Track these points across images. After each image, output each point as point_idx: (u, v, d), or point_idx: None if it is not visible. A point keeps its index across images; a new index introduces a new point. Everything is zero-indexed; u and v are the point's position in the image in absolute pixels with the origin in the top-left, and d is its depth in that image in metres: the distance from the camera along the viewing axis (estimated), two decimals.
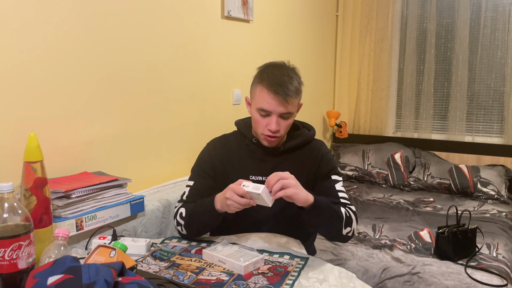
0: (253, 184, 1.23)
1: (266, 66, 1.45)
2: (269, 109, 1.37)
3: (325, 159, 1.50)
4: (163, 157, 1.96)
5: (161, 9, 1.87)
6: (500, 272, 1.80)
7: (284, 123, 1.41)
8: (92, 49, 1.57)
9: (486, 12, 3.16)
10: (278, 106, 1.36)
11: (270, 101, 1.36)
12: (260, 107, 1.38)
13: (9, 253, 0.94)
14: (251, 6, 2.44)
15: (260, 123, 1.41)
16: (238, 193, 1.23)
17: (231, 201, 1.24)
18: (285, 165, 1.48)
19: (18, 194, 1.23)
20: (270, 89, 1.36)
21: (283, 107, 1.37)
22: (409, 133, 3.51)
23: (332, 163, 1.51)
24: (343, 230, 1.35)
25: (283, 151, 1.48)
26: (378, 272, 1.84)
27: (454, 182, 2.98)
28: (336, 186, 1.46)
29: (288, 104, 1.37)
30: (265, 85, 1.37)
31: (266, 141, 1.44)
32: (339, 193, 1.45)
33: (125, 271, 0.90)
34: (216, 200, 1.33)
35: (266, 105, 1.37)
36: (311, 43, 3.27)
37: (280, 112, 1.38)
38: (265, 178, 1.47)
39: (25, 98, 1.36)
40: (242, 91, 2.45)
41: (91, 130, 1.60)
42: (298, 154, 1.50)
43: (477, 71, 3.24)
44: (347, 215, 1.36)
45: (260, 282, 1.13)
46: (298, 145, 1.50)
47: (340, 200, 1.43)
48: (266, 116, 1.39)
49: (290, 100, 1.37)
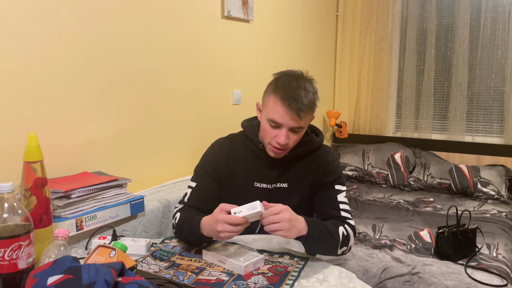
0: (245, 206, 1.16)
1: (282, 74, 1.39)
2: (280, 121, 1.32)
3: (330, 168, 1.46)
4: (163, 157, 1.96)
5: (161, 9, 1.87)
6: (500, 272, 1.80)
7: (294, 137, 1.37)
8: (92, 49, 1.57)
9: (486, 12, 3.16)
10: (290, 120, 1.32)
11: (283, 114, 1.31)
12: (271, 118, 1.33)
13: (9, 253, 0.94)
14: (251, 6, 2.44)
15: (269, 134, 1.36)
16: (232, 223, 1.15)
17: (225, 234, 1.16)
18: (291, 172, 1.46)
19: (18, 194, 1.23)
20: (284, 102, 1.30)
21: (295, 121, 1.32)
22: (409, 133, 3.51)
23: (337, 172, 1.47)
24: (338, 251, 1.34)
25: (290, 159, 1.45)
26: (378, 272, 1.84)
27: (454, 182, 2.98)
28: (338, 197, 1.42)
29: (301, 119, 1.32)
30: (279, 96, 1.32)
31: (272, 153, 1.40)
32: (341, 204, 1.41)
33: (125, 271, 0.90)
34: (202, 227, 1.25)
35: (278, 117, 1.32)
36: (311, 43, 3.27)
37: (291, 126, 1.33)
38: (269, 186, 1.46)
39: (25, 98, 1.36)
40: (242, 91, 2.45)
41: (91, 130, 1.60)
42: (305, 160, 1.47)
43: (477, 71, 3.24)
44: (344, 234, 1.33)
45: (260, 282, 1.13)
46: (306, 153, 1.46)
47: (340, 212, 1.40)
48: (276, 128, 1.35)
49: (303, 115, 1.32)
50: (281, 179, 1.46)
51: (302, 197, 1.47)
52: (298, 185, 1.47)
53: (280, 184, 1.46)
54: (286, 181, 1.46)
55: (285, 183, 1.46)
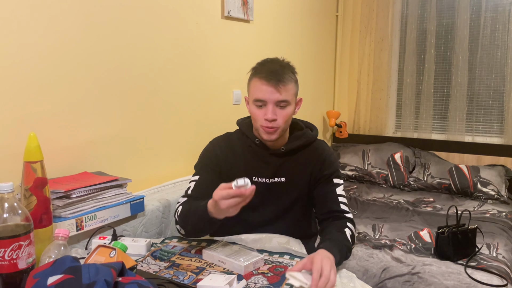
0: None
1: (259, 62, 1.47)
2: (263, 97, 1.37)
3: (327, 161, 1.49)
4: (163, 157, 1.96)
5: (161, 9, 1.87)
6: (500, 272, 1.80)
7: (282, 113, 1.39)
8: (92, 49, 1.57)
9: (486, 12, 3.16)
10: (272, 94, 1.36)
11: (263, 88, 1.37)
12: (255, 97, 1.39)
13: (9, 253, 0.94)
14: (251, 6, 2.44)
15: (258, 115, 1.40)
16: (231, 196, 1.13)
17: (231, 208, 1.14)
18: (288, 166, 1.48)
19: (18, 194, 1.23)
20: (262, 78, 1.37)
21: (277, 93, 1.36)
22: (409, 133, 3.51)
23: (335, 165, 1.50)
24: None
25: (286, 152, 1.47)
26: (378, 272, 1.84)
27: (454, 182, 2.97)
28: (337, 190, 1.46)
29: (282, 90, 1.37)
30: (257, 76, 1.39)
31: (265, 134, 1.41)
32: (339, 197, 1.45)
33: (125, 271, 0.90)
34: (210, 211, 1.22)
35: (259, 94, 1.38)
36: (311, 43, 3.27)
37: (275, 99, 1.37)
38: (268, 180, 1.47)
39: (25, 98, 1.36)
40: (242, 91, 2.45)
41: (91, 130, 1.60)
42: (301, 155, 1.49)
43: (477, 71, 3.24)
44: (351, 235, 1.35)
45: (260, 282, 1.13)
46: (301, 146, 1.49)
47: (339, 206, 1.43)
48: (262, 107, 1.39)
49: (283, 86, 1.37)
50: (278, 174, 1.48)
51: (300, 191, 1.49)
52: (296, 179, 1.49)
53: (278, 178, 1.48)
54: (284, 176, 1.48)
55: (282, 177, 1.48)
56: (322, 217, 1.46)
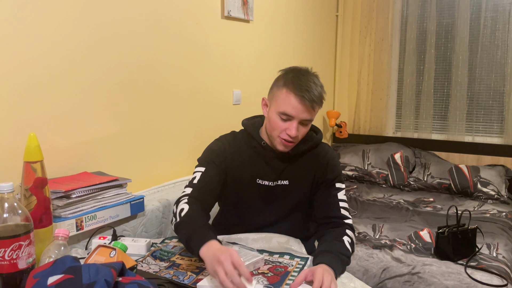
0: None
1: (290, 69, 1.41)
2: (292, 114, 1.34)
3: (330, 166, 1.47)
4: (163, 157, 1.96)
5: (161, 9, 1.87)
6: (500, 272, 1.80)
7: (302, 129, 1.38)
8: (92, 49, 1.57)
9: (486, 12, 3.16)
10: (302, 112, 1.34)
11: (295, 105, 1.33)
12: (283, 111, 1.34)
13: (9, 253, 0.94)
14: (251, 6, 2.44)
15: (279, 127, 1.37)
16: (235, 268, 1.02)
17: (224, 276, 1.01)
18: (292, 170, 1.47)
19: (18, 194, 1.23)
20: (297, 95, 1.32)
21: (307, 113, 1.34)
22: (409, 133, 3.51)
23: (337, 170, 1.49)
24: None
25: (291, 155, 1.46)
26: (378, 272, 1.84)
27: (454, 182, 2.98)
28: (338, 195, 1.45)
29: (314, 111, 1.36)
30: (291, 89, 1.33)
31: (282, 146, 1.40)
32: (341, 202, 1.44)
33: (125, 271, 0.90)
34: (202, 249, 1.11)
35: (290, 110, 1.33)
36: (311, 43, 3.27)
37: (303, 118, 1.35)
38: (271, 183, 1.47)
39: (25, 98, 1.36)
40: (242, 91, 2.45)
41: (91, 130, 1.60)
42: (305, 158, 1.48)
43: (477, 71, 3.24)
44: (349, 242, 1.34)
45: (260, 282, 1.13)
46: (306, 149, 1.47)
47: (340, 211, 1.42)
48: (286, 121, 1.36)
49: (315, 107, 1.35)
50: (282, 177, 1.47)
51: (302, 194, 1.49)
52: (299, 183, 1.48)
53: (281, 181, 1.47)
54: (287, 179, 1.47)
55: (286, 180, 1.47)
56: (321, 221, 1.45)
